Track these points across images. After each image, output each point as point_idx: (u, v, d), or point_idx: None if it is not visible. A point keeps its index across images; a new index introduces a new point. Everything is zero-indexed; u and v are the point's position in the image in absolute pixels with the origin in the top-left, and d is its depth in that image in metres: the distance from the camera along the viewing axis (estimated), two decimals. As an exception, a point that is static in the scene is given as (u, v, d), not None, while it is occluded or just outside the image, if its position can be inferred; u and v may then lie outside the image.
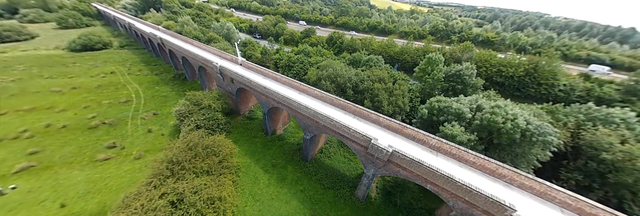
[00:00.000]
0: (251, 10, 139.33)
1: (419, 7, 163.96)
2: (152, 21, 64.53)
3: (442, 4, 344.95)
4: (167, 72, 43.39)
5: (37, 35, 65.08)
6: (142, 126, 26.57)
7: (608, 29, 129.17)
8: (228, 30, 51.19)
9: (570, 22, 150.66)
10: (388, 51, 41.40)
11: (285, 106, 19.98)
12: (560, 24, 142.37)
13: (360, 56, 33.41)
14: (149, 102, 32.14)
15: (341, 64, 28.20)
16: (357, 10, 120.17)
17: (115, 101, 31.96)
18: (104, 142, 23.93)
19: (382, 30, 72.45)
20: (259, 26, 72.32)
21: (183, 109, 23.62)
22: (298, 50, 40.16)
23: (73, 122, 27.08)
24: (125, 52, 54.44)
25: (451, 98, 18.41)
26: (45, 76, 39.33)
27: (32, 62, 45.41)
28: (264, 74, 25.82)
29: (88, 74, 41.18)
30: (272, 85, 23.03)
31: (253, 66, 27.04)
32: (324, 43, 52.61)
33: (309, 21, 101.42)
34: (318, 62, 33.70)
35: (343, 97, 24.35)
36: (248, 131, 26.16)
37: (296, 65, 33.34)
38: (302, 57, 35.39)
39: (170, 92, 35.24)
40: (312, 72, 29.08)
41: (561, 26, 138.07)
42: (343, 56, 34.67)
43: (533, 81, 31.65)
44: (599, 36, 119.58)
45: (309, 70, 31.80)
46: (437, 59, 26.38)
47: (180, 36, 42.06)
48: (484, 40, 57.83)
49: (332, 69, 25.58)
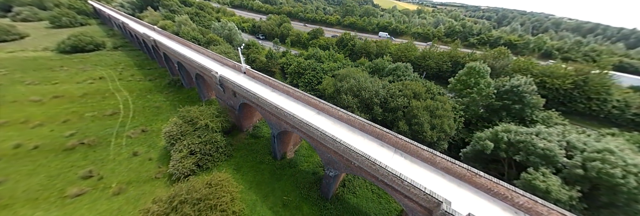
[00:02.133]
0: (253, 9, 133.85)
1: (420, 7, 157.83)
2: (149, 20, 59.68)
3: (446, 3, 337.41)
4: (161, 78, 38.79)
5: (28, 35, 60.41)
6: (127, 148, 22.08)
7: (622, 32, 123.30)
8: (230, 31, 46.37)
9: (582, 24, 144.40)
10: (408, 55, 36.55)
11: (303, 133, 15.41)
12: (572, 26, 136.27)
13: (383, 62, 28.47)
14: (139, 115, 27.61)
15: (363, 73, 23.56)
16: (363, 10, 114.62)
17: (100, 113, 27.46)
18: (80, 169, 19.48)
19: (393, 31, 67.32)
20: (262, 26, 67.35)
21: (174, 129, 19.07)
22: (308, 54, 35.47)
23: (47, 141, 22.63)
24: (118, 54, 49.78)
25: (526, 129, 13.74)
26: (27, 82, 34.84)
27: (16, 66, 40.87)
28: (273, 86, 21.18)
29: (74, 79, 36.64)
30: (283, 102, 18.42)
31: (259, 75, 22.41)
32: (333, 45, 47.74)
33: (314, 21, 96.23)
34: (333, 69, 28.96)
35: (369, 116, 19.72)
36: (253, 155, 21.62)
37: (307, 72, 28.71)
38: (314, 63, 30.70)
39: (164, 103, 30.68)
40: (327, 83, 24.43)
41: (573, 28, 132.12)
42: (361, 62, 30.04)
43: (582, 94, 26.79)
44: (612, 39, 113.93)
45: (323, 79, 27.15)
46: (482, 69, 21.44)
47: (177, 37, 37.33)
48: (505, 43, 52.79)
49: (355, 81, 20.87)
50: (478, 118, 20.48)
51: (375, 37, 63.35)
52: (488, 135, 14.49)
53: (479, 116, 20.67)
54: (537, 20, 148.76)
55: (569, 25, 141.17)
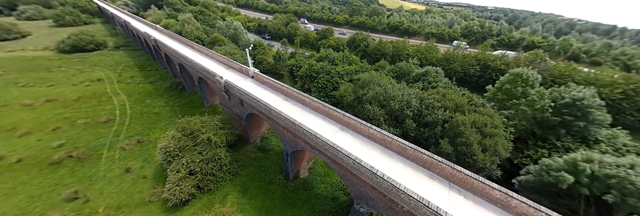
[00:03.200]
0: (258, 9, 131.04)
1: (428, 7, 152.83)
2: (152, 19, 57.20)
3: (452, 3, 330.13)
4: (162, 80, 36.11)
5: (30, 33, 58.52)
6: (120, 162, 19.31)
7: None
8: (235, 30, 43.46)
9: (598, 25, 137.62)
10: (429, 57, 33.10)
11: (327, 157, 12.35)
12: (587, 27, 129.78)
13: (409, 66, 24.95)
14: (135, 122, 24.88)
15: (388, 78, 20.33)
16: (370, 9, 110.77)
17: (94, 120, 24.81)
18: (65, 189, 16.77)
19: (404, 31, 63.62)
20: (268, 26, 64.36)
21: (172, 145, 16.19)
22: (320, 56, 32.35)
23: (33, 153, 20.02)
24: (119, 54, 47.34)
25: (615, 159, 10.52)
26: (21, 84, 32.48)
27: (13, 66, 38.65)
28: (286, 93, 18.13)
29: (71, 81, 34.19)
30: (299, 114, 15.37)
31: (269, 80, 19.39)
32: (344, 46, 44.49)
33: (321, 20, 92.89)
34: (349, 73, 25.79)
35: (399, 130, 16.55)
36: (262, 173, 18.64)
37: (321, 76, 25.61)
38: (327, 65, 27.57)
39: (163, 108, 27.92)
40: (345, 89, 21.27)
41: (588, 29, 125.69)
42: (381, 66, 26.73)
43: (632, 106, 23.12)
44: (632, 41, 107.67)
45: (340, 84, 24.00)
46: (531, 77, 17.87)
47: (179, 37, 34.55)
48: (528, 45, 48.80)
49: (380, 88, 17.66)
50: (529, 135, 17.14)
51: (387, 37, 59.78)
52: (561, 164, 11.25)
53: (530, 133, 17.29)
54: (550, 21, 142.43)
55: (584, 26, 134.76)
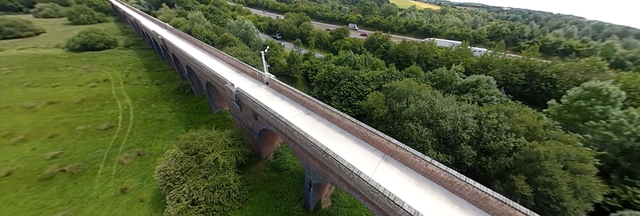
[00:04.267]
0: (268, 8, 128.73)
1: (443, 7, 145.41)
2: (162, 18, 55.33)
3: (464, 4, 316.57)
4: (170, 82, 33.79)
5: (44, 31, 58.05)
6: (116, 180, 16.76)
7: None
8: (247, 29, 40.62)
9: (627, 28, 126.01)
10: (463, 61, 28.99)
11: (371, 204, 9.08)
12: (616, 30, 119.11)
13: (451, 74, 20.95)
14: (138, 130, 22.42)
15: (429, 89, 16.66)
16: (383, 9, 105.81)
17: (94, 126, 22.53)
18: (52, 213, 14.36)
19: (424, 32, 59.06)
20: (279, 25, 61.32)
21: (172, 167, 13.35)
22: (338, 58, 28.93)
23: (24, 165, 17.81)
24: (128, 54, 45.59)
25: None
26: (27, 84, 30.90)
27: (22, 64, 37.43)
28: (308, 105, 14.93)
29: (77, 81, 32.37)
30: (328, 135, 12.17)
31: (288, 88, 16.25)
32: (362, 47, 40.81)
33: (332, 20, 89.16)
34: (376, 80, 22.25)
35: (452, 157, 12.97)
36: (276, 201, 15.59)
37: (342, 82, 22.22)
38: (349, 70, 24.15)
39: (169, 114, 25.39)
40: (374, 99, 17.77)
41: (618, 33, 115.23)
42: (413, 71, 22.92)
43: None
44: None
45: (367, 93, 20.56)
46: (613, 93, 13.67)
47: (188, 36, 31.95)
48: (565, 49, 43.50)
49: (425, 102, 14.05)
50: (610, 167, 13.24)
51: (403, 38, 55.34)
52: None
53: (611, 163, 13.35)
54: (576, 24, 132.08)
55: (613, 29, 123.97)
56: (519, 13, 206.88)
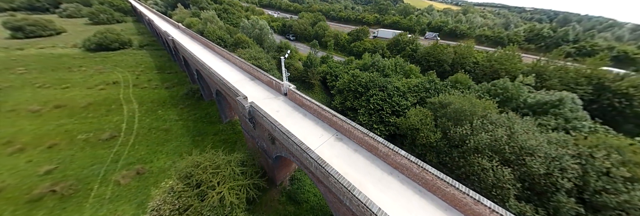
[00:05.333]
0: (281, 8, 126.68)
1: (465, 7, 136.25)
2: (177, 18, 53.98)
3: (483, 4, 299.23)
4: (180, 85, 31.62)
5: (65, 30, 58.75)
6: (109, 206, 14.20)
7: None
8: (261, 30, 37.82)
9: None
10: (509, 69, 24.18)
11: None
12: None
13: (519, 88, 14.91)
14: (141, 142, 20.01)
15: (492, 105, 12.70)
16: (400, 8, 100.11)
17: (96, 135, 20.40)
18: (29, 247, 11.98)
19: (450, 33, 53.72)
20: (294, 26, 58.30)
21: (167, 206, 10.37)
22: (364, 63, 25.20)
23: (16, 181, 15.78)
24: (141, 54, 44.36)
25: None
26: (38, 85, 29.82)
27: (37, 64, 36.91)
28: (339, 128, 11.46)
29: (87, 83, 30.96)
30: (374, 177, 8.68)
31: (312, 103, 12.88)
32: (384, 49, 36.77)
33: (347, 20, 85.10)
34: (415, 91, 18.37)
35: (544, 212, 9.01)
36: (295, 246, 12.34)
37: (372, 93, 18.51)
38: (378, 77, 20.42)
39: (175, 123, 22.89)
40: (419, 118, 13.98)
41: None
42: (459, 81, 18.48)
43: None
44: None
45: (404, 107, 16.75)
46: None
47: (200, 37, 29.53)
48: (619, 56, 36.99)
49: (503, 130, 9.99)
50: None
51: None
52: None
53: None
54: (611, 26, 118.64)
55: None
56: (543, 14, 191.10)
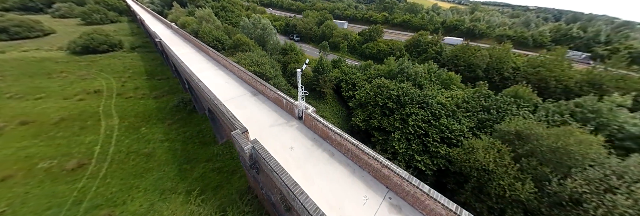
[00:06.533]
0: (284, 7, 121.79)
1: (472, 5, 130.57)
2: (172, 17, 49.58)
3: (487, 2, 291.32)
4: (171, 94, 27.35)
5: (54, 32, 54.47)
6: None
7: None
8: (263, 30, 33.33)
9: None
10: (559, 76, 19.39)
11: None
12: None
13: (611, 113, 10.29)
14: (114, 172, 15.76)
15: (600, 142, 8.53)
16: (407, 7, 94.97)
17: (60, 164, 16.19)
18: None
19: (467, 33, 48.96)
20: (298, 25, 53.70)
21: None
22: (389, 70, 20.60)
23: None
24: (132, 57, 40.05)
25: None
26: (9, 95, 25.60)
27: (15, 69, 32.69)
28: (391, 184, 7.14)
29: (65, 93, 26.72)
30: None
31: (341, 137, 8.53)
32: (402, 51, 32.26)
33: (353, 19, 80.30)
34: (464, 108, 13.94)
35: None
36: None
37: (410, 110, 14.09)
38: (412, 88, 16.00)
39: (160, 145, 18.60)
40: (493, 156, 9.70)
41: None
42: (519, 96, 13.88)
43: None
44: None
45: (458, 134, 12.29)
46: None
47: (193, 39, 25.16)
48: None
49: None
50: None
51: None
52: None
53: None
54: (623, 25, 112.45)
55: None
56: (548, 12, 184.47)
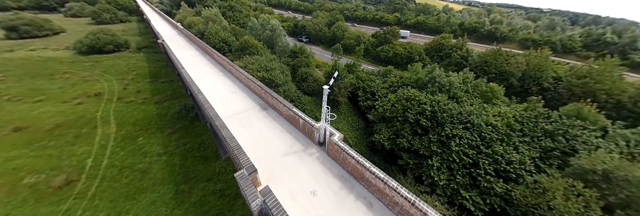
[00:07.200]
0: (291, 8, 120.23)
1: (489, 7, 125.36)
2: (179, 18, 48.29)
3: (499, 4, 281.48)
4: (173, 99, 25.59)
5: (64, 30, 54.21)
6: None
7: None
8: (272, 31, 31.23)
9: None
10: (610, 90, 16.03)
11: None
12: None
13: None
14: (104, 192, 13.86)
15: None
16: (419, 8, 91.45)
17: (47, 180, 14.44)
18: None
19: (487, 36, 45.59)
20: (307, 26, 51.51)
21: None
22: (417, 78, 17.98)
23: None
24: (137, 58, 38.76)
25: None
26: (7, 97, 24.38)
27: (19, 69, 31.75)
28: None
29: (64, 95, 25.34)
30: None
31: (384, 183, 6.11)
32: (422, 55, 29.51)
33: (364, 20, 77.59)
34: (520, 131, 11.30)
35: None
36: None
37: (453, 132, 11.45)
38: (446, 102, 13.43)
39: (158, 160, 16.66)
40: (574, 204, 7.23)
41: None
42: (583, 116, 11.19)
43: None
44: None
45: (523, 167, 9.73)
46: None
47: (198, 40, 23.28)
48: None
49: None
50: None
51: None
52: None
53: None
54: None
55: None
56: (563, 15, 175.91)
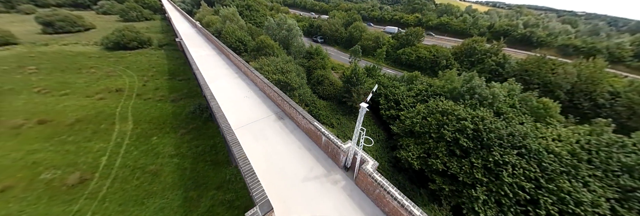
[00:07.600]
0: (306, 8, 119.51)
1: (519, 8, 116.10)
2: (199, 16, 48.99)
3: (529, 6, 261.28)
4: (189, 97, 25.48)
5: (94, 27, 57.43)
6: None
7: None
8: (288, 31, 30.25)
9: None
10: None
11: None
12: None
13: None
14: (115, 194, 13.55)
15: None
16: (440, 8, 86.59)
17: (63, 177, 14.45)
18: None
19: (520, 40, 41.47)
20: (323, 26, 50.15)
21: None
22: (453, 88, 15.97)
23: None
24: (158, 55, 39.69)
25: None
26: (37, 89, 25.59)
27: (50, 62, 33.59)
28: None
29: (88, 90, 26.14)
30: None
31: None
32: (450, 59, 27.10)
33: (381, 21, 74.77)
34: (583, 161, 9.35)
35: None
36: None
37: (503, 159, 9.41)
38: (494, 120, 11.45)
39: (169, 162, 16.24)
40: None
41: None
42: None
43: None
44: None
45: (596, 210, 7.95)
46: None
47: (215, 39, 22.80)
48: None
49: None
50: None
51: None
52: None
53: None
54: None
55: None
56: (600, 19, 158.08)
